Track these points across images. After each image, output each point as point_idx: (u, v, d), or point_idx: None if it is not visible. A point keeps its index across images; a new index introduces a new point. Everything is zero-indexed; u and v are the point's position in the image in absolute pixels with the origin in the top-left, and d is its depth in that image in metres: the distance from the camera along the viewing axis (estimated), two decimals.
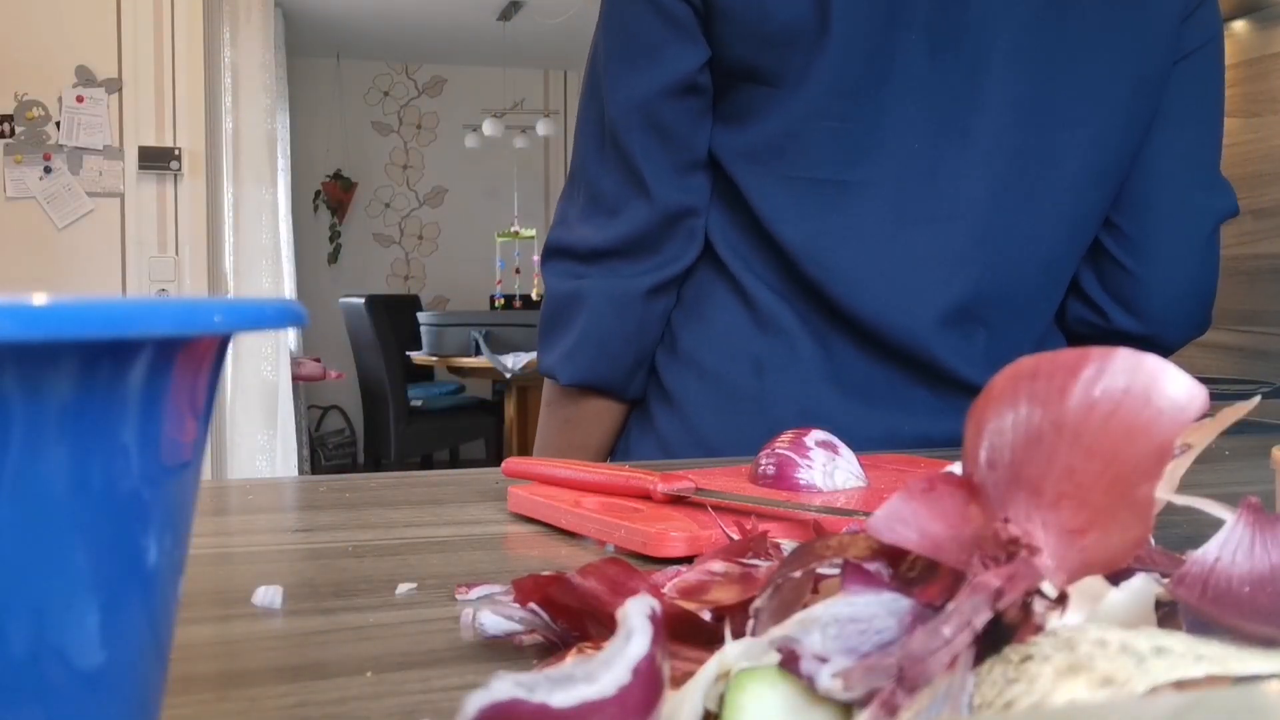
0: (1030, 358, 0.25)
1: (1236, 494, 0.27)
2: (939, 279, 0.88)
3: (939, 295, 0.88)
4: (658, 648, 0.23)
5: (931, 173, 0.87)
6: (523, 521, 0.61)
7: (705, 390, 0.92)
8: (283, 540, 0.57)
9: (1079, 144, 0.89)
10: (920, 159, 0.87)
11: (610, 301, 0.91)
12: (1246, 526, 0.26)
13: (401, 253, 6.82)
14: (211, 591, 0.46)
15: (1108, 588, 0.25)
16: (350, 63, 6.59)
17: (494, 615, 0.37)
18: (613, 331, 0.92)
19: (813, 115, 0.86)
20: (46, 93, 3.10)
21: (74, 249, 3.13)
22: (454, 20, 5.81)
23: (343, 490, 0.71)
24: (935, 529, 0.25)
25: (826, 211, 0.87)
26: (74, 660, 0.20)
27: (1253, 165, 2.34)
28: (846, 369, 0.89)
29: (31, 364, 0.19)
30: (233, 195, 3.68)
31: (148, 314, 0.19)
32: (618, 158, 0.90)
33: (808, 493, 0.60)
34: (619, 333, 0.92)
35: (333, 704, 0.33)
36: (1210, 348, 2.44)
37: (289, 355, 3.93)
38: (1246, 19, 2.34)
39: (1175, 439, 0.24)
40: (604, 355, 0.93)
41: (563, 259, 0.94)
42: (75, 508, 0.20)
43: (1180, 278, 0.95)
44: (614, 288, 0.91)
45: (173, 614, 0.24)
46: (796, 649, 0.23)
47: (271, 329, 0.22)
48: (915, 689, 0.22)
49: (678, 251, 0.92)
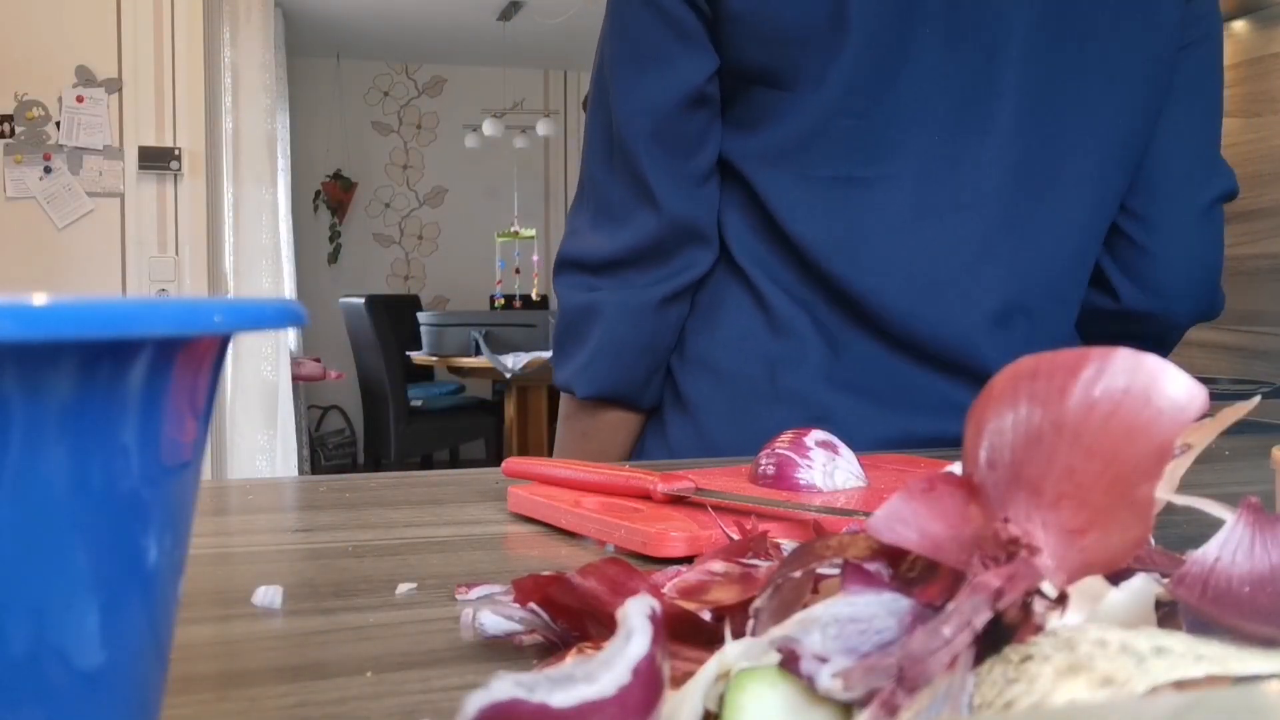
0: (1030, 358, 0.25)
1: (1236, 494, 0.27)
2: (966, 270, 0.88)
3: (978, 291, 0.88)
4: (658, 648, 0.23)
5: (953, 163, 0.88)
6: (523, 521, 0.61)
7: (719, 393, 0.91)
8: (283, 540, 0.57)
9: (1097, 127, 0.90)
10: (940, 150, 0.87)
11: (624, 312, 0.91)
12: (1246, 526, 0.26)
13: (401, 253, 6.82)
14: (211, 591, 0.46)
15: (1108, 588, 0.25)
16: (350, 63, 6.59)
17: (494, 615, 0.37)
18: (627, 342, 0.92)
19: (831, 114, 0.85)
20: (46, 93, 3.11)
21: (74, 249, 3.14)
22: (454, 20, 5.81)
23: (343, 490, 0.71)
24: (935, 529, 0.25)
25: (848, 208, 0.87)
26: (74, 660, 0.20)
27: (1253, 165, 2.34)
28: (859, 369, 0.89)
29: (31, 364, 0.19)
30: (233, 195, 3.68)
31: (148, 314, 0.19)
32: (625, 168, 0.90)
33: (808, 493, 0.60)
34: (634, 343, 0.92)
35: (333, 704, 0.33)
36: (1210, 348, 2.44)
37: (289, 355, 3.93)
38: (1246, 19, 2.33)
39: (1175, 439, 0.24)
40: (619, 366, 0.92)
41: (575, 271, 0.94)
42: (75, 508, 0.20)
43: (1190, 250, 0.97)
44: (627, 299, 0.91)
45: (173, 614, 0.24)
46: (796, 649, 0.23)
47: (271, 329, 0.22)
48: (915, 689, 0.22)
49: (690, 260, 0.92)
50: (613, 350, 0.92)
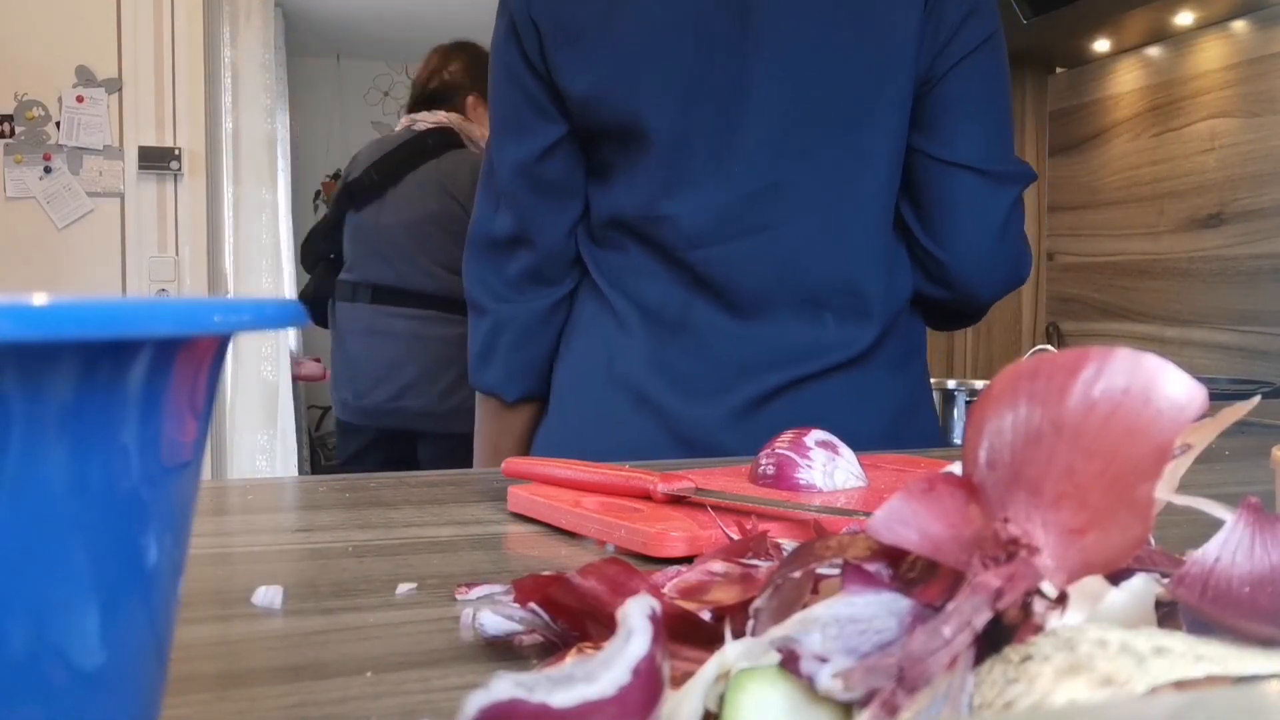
0: (1030, 358, 0.25)
1: (1236, 494, 0.27)
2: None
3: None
4: (658, 648, 0.23)
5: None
6: (523, 521, 0.61)
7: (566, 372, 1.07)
8: (283, 540, 0.57)
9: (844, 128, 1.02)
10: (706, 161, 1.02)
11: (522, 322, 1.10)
12: (1246, 526, 0.26)
13: None
14: (211, 591, 0.46)
15: (1108, 588, 0.25)
16: (350, 63, 6.59)
17: (494, 615, 0.37)
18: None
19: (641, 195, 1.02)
20: (46, 93, 3.10)
21: (74, 249, 3.13)
22: (454, 20, 5.81)
23: (343, 490, 0.71)
24: (935, 529, 0.25)
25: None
26: (74, 660, 0.20)
27: (1253, 165, 2.33)
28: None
29: (31, 364, 0.19)
30: (233, 195, 3.68)
31: (148, 314, 0.19)
32: (507, 209, 1.07)
33: (808, 493, 0.60)
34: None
35: (333, 704, 0.33)
36: (1210, 348, 2.44)
37: (289, 355, 3.93)
38: (1246, 19, 2.33)
39: (1175, 439, 0.24)
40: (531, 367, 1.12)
41: (485, 279, 1.11)
42: (75, 508, 0.20)
43: (984, 263, 1.04)
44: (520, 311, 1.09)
45: (173, 614, 0.24)
46: (796, 649, 0.23)
47: (271, 329, 0.22)
48: (915, 689, 0.22)
49: (565, 278, 1.10)
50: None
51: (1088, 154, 2.82)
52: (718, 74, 0.99)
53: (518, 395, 1.10)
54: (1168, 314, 2.57)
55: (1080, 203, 2.85)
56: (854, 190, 1.00)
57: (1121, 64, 2.70)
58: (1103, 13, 2.44)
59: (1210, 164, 2.44)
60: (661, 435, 0.99)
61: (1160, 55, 2.59)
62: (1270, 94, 2.30)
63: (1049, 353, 0.26)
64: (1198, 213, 2.48)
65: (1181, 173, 2.52)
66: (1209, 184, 2.45)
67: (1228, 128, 2.40)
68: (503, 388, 1.10)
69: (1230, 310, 2.40)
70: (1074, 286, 2.88)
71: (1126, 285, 2.70)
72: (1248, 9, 2.32)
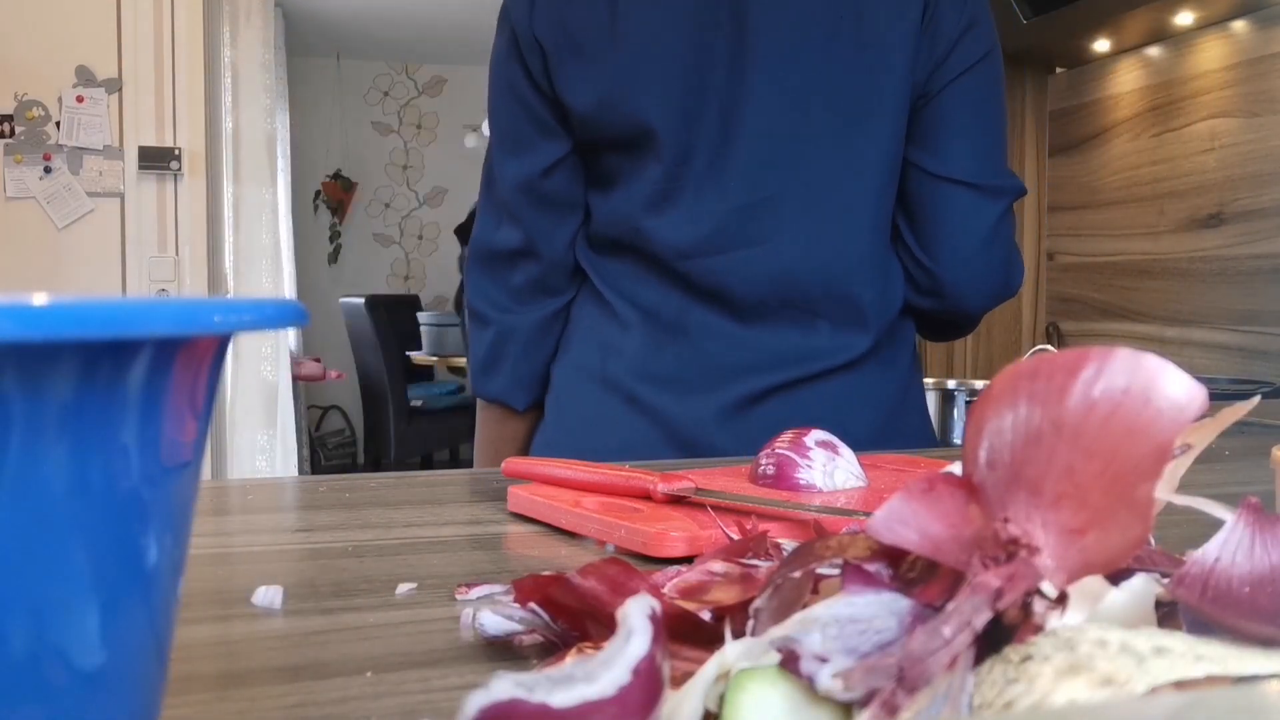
0: (1030, 358, 0.25)
1: (1236, 494, 0.27)
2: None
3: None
4: (658, 648, 0.23)
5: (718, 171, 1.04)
6: (523, 521, 0.61)
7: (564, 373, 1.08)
8: (283, 540, 0.57)
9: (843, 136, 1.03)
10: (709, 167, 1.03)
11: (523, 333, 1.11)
12: (1246, 526, 0.26)
13: (401, 253, 6.82)
14: (211, 591, 0.46)
15: (1108, 588, 0.25)
16: (350, 63, 6.59)
17: (494, 615, 0.37)
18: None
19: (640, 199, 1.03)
20: (46, 93, 3.10)
21: (74, 249, 3.13)
22: (454, 20, 5.81)
23: (343, 490, 0.71)
24: (935, 529, 0.25)
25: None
26: (74, 660, 0.20)
27: (1253, 165, 2.33)
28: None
29: (31, 364, 0.18)
30: (233, 195, 3.68)
31: (148, 314, 0.19)
32: (510, 222, 1.08)
33: (808, 493, 0.60)
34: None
35: (333, 704, 0.33)
36: (1210, 348, 2.44)
37: (289, 355, 3.93)
38: (1246, 19, 2.33)
39: (1175, 439, 0.24)
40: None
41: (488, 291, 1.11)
42: (75, 508, 0.20)
43: (976, 276, 1.04)
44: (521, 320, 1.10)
45: (173, 614, 0.24)
46: (796, 649, 0.23)
47: (271, 329, 0.22)
48: (915, 689, 0.22)
49: (568, 288, 1.11)
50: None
51: (1088, 154, 2.82)
52: (716, 85, 0.99)
53: (527, 403, 1.11)
54: (1168, 314, 2.57)
55: (1080, 203, 2.85)
56: (849, 202, 1.01)
57: (1121, 64, 2.70)
58: (1103, 13, 2.44)
59: (1210, 164, 2.44)
60: (655, 434, 1.00)
61: (1160, 55, 2.59)
62: (1270, 94, 2.30)
63: (1049, 353, 0.26)
64: (1198, 213, 2.48)
65: (1181, 173, 2.52)
66: (1209, 184, 2.45)
67: (1228, 128, 2.40)
68: (511, 396, 1.11)
69: (1230, 310, 2.40)
70: (1074, 286, 2.88)
71: (1126, 285, 2.70)
72: (1248, 9, 2.32)
